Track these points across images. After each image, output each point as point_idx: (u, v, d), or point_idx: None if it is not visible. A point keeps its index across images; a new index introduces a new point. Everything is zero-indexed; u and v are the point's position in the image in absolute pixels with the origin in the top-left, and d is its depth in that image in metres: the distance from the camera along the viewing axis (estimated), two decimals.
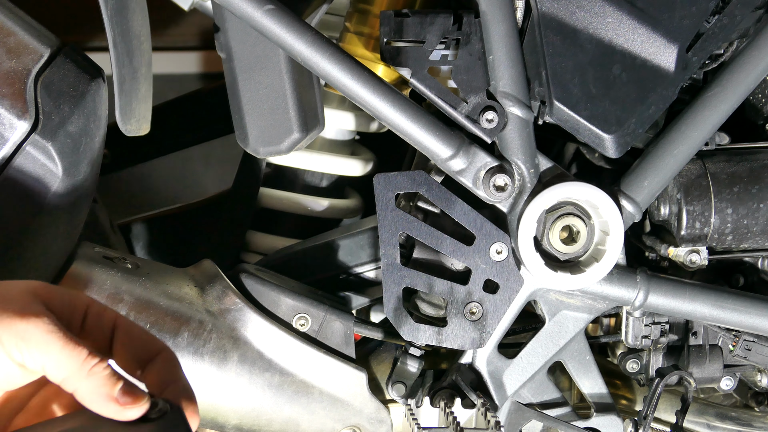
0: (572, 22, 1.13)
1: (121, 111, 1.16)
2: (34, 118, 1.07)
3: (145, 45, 1.17)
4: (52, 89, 1.09)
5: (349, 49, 1.26)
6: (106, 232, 1.41)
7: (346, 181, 1.48)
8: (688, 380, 1.27)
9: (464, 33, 1.13)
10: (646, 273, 1.22)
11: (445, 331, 1.20)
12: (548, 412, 1.27)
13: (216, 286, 1.20)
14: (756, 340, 1.29)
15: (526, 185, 1.17)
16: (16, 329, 0.71)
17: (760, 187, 1.23)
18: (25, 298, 0.74)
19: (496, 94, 1.14)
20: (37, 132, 1.07)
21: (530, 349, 1.25)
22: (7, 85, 1.07)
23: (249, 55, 1.18)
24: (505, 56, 1.13)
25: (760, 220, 1.24)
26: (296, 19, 1.08)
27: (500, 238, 1.18)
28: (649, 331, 1.27)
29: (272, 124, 1.20)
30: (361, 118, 1.42)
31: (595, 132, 1.15)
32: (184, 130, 1.63)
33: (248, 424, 1.22)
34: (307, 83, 1.22)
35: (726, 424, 1.41)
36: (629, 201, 1.18)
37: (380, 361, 1.33)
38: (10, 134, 1.06)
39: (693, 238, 1.24)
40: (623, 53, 1.14)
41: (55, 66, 1.10)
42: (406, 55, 1.13)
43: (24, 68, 1.08)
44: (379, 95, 1.11)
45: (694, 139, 1.18)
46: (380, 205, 1.17)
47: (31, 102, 1.07)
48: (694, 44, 1.15)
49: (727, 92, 1.17)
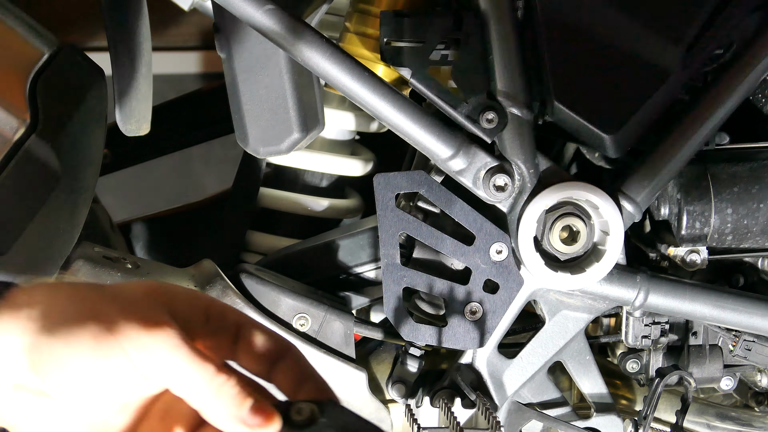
0: (572, 22, 1.13)
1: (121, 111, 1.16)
2: (34, 118, 1.07)
3: (145, 45, 1.17)
4: (52, 89, 1.09)
5: (349, 49, 1.26)
6: (106, 232, 1.41)
7: (346, 181, 1.48)
8: (688, 380, 1.27)
9: (464, 33, 1.13)
10: (646, 273, 1.22)
11: (445, 331, 1.20)
12: (548, 412, 1.27)
13: (216, 286, 1.20)
14: (756, 340, 1.29)
15: (526, 185, 1.17)
16: (140, 342, 0.67)
17: (760, 187, 1.23)
18: (146, 304, 0.70)
19: (496, 94, 1.14)
20: (36, 132, 1.07)
21: (530, 349, 1.25)
22: (7, 85, 1.07)
23: (249, 55, 1.18)
24: (505, 56, 1.13)
25: (760, 220, 1.24)
26: (296, 19, 1.08)
27: (500, 238, 1.18)
28: (649, 331, 1.27)
29: (272, 124, 1.20)
30: (361, 118, 1.42)
31: (595, 132, 1.14)
32: (184, 130, 1.63)
33: None
34: (307, 83, 1.22)
35: (726, 424, 1.41)
36: (629, 201, 1.18)
37: (380, 361, 1.33)
38: (10, 134, 1.06)
39: (693, 238, 1.23)
40: (623, 53, 1.14)
41: (55, 66, 1.10)
42: (406, 55, 1.13)
43: (24, 68, 1.08)
44: (379, 95, 1.11)
45: (694, 139, 1.18)
46: (380, 205, 1.17)
47: (30, 102, 1.07)
48: (694, 44, 1.15)
49: (727, 92, 1.17)
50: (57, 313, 0.69)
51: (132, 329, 0.68)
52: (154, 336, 0.68)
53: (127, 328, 0.68)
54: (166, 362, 0.68)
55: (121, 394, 0.70)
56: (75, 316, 0.68)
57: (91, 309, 0.69)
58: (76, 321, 0.68)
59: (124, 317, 0.68)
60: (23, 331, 0.68)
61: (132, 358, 0.68)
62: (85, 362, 0.67)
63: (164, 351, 0.68)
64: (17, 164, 1.07)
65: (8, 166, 1.06)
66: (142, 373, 0.68)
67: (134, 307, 0.69)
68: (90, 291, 0.71)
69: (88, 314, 0.69)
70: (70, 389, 0.68)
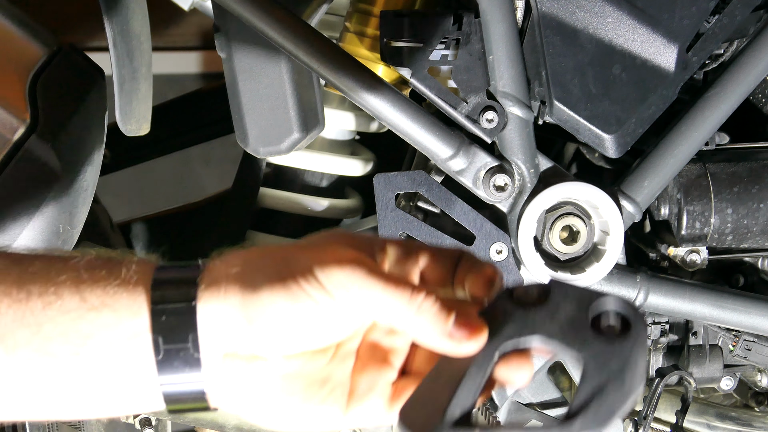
0: (572, 22, 1.13)
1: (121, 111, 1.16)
2: (34, 118, 1.07)
3: (145, 45, 1.17)
4: (52, 89, 1.09)
5: (349, 49, 1.26)
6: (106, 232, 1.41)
7: (346, 181, 1.48)
8: (688, 380, 1.27)
9: (464, 33, 1.13)
10: (646, 273, 1.22)
11: None
12: (548, 412, 1.27)
13: None
14: (756, 340, 1.29)
15: (526, 185, 1.17)
16: (337, 279, 0.69)
17: (760, 187, 1.23)
18: (331, 245, 0.72)
19: (496, 94, 1.14)
20: (36, 132, 1.07)
21: None
22: (7, 86, 1.07)
23: (249, 55, 1.18)
24: (505, 56, 1.13)
25: (760, 220, 1.24)
26: (296, 19, 1.08)
27: (500, 238, 1.18)
28: (649, 331, 1.27)
29: (272, 124, 1.20)
30: (361, 118, 1.42)
31: (595, 132, 1.14)
32: (184, 130, 1.63)
33: (248, 423, 1.22)
34: (307, 83, 1.21)
35: (726, 424, 1.41)
36: (629, 201, 1.18)
37: None
38: (10, 134, 1.06)
39: (693, 238, 1.23)
40: (623, 53, 1.14)
41: (55, 66, 1.10)
42: (406, 55, 1.13)
43: (24, 68, 1.08)
44: (379, 95, 1.11)
45: (694, 139, 1.18)
46: (380, 205, 1.17)
47: (30, 102, 1.07)
48: (694, 44, 1.15)
49: (727, 92, 1.17)
50: (254, 271, 0.71)
51: (325, 269, 0.70)
52: (345, 270, 0.69)
53: (321, 269, 0.70)
54: (363, 292, 0.69)
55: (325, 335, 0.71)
56: (273, 269, 0.70)
57: (284, 259, 0.71)
58: (275, 273, 0.70)
59: (316, 261, 0.70)
60: (228, 297, 0.70)
61: (335, 296, 0.69)
62: (289, 308, 0.69)
63: (360, 281, 0.69)
64: (17, 164, 1.07)
65: (8, 166, 1.07)
66: (347, 308, 0.70)
67: (320, 251, 0.72)
68: (278, 248, 0.74)
69: (282, 264, 0.71)
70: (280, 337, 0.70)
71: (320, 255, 0.71)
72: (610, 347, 0.67)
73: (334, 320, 0.70)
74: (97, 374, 0.70)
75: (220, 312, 0.70)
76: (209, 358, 0.70)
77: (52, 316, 0.69)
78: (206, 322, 0.70)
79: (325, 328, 0.70)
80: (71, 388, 0.70)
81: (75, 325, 0.69)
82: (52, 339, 0.69)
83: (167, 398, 0.71)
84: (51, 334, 0.69)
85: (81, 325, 0.69)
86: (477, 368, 0.69)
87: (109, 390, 0.71)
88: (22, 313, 0.69)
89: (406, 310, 0.70)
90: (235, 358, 0.71)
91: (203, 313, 0.70)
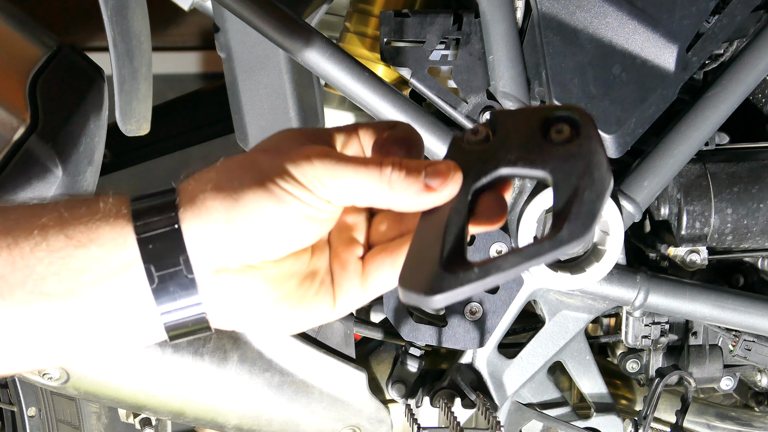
0: (572, 22, 1.13)
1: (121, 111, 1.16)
2: (34, 118, 1.07)
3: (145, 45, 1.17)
4: (52, 89, 1.09)
5: (349, 49, 1.26)
6: None
7: None
8: (688, 380, 1.27)
9: (464, 33, 1.13)
10: (646, 273, 1.22)
11: (445, 331, 1.20)
12: (548, 412, 1.27)
13: None
14: (756, 340, 1.29)
15: (525, 185, 1.17)
16: (312, 173, 0.70)
17: (760, 187, 1.23)
18: (292, 143, 0.73)
19: (496, 94, 1.14)
20: (37, 132, 1.07)
21: (530, 349, 1.25)
22: (7, 86, 1.07)
23: (249, 55, 1.18)
24: (505, 56, 1.13)
25: (760, 220, 1.24)
26: (296, 19, 1.08)
27: (500, 237, 1.18)
28: (649, 331, 1.27)
29: (272, 124, 1.20)
30: (361, 118, 1.42)
31: None
32: (184, 130, 1.63)
33: (248, 424, 1.22)
34: (307, 83, 1.22)
35: (726, 424, 1.41)
36: (629, 201, 1.18)
37: (380, 361, 1.33)
38: (10, 134, 1.06)
39: (693, 238, 1.23)
40: (623, 53, 1.14)
41: (55, 66, 1.10)
42: (406, 55, 1.13)
43: (24, 68, 1.08)
44: (379, 95, 1.11)
45: (694, 139, 1.18)
46: None
47: (30, 102, 1.07)
48: (694, 44, 1.15)
49: (727, 92, 1.17)
50: (229, 181, 0.71)
51: (294, 166, 0.70)
52: (313, 163, 0.70)
53: (291, 166, 0.70)
54: (336, 180, 0.70)
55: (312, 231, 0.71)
56: (246, 176, 0.71)
57: (252, 164, 0.72)
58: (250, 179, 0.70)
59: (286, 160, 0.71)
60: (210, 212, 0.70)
61: (312, 190, 0.70)
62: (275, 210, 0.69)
63: (329, 170, 0.70)
64: (17, 164, 1.07)
65: (8, 166, 1.07)
66: (326, 200, 0.70)
67: (283, 150, 0.72)
68: (241, 157, 0.74)
69: (254, 170, 0.71)
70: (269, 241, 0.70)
71: (287, 154, 0.71)
72: (568, 152, 0.68)
73: (319, 214, 0.71)
74: (95, 311, 0.70)
75: (206, 228, 0.70)
76: (202, 277, 0.70)
77: (41, 257, 0.69)
78: (194, 241, 0.70)
79: (311, 224, 0.71)
80: (71, 329, 0.70)
81: (65, 263, 0.69)
82: (45, 279, 0.69)
83: (168, 327, 0.71)
84: (43, 274, 0.69)
85: (71, 262, 0.69)
86: (455, 213, 0.70)
87: (108, 326, 0.71)
88: (12, 258, 0.69)
89: (379, 187, 0.71)
90: (226, 272, 0.71)
91: (190, 233, 0.70)
